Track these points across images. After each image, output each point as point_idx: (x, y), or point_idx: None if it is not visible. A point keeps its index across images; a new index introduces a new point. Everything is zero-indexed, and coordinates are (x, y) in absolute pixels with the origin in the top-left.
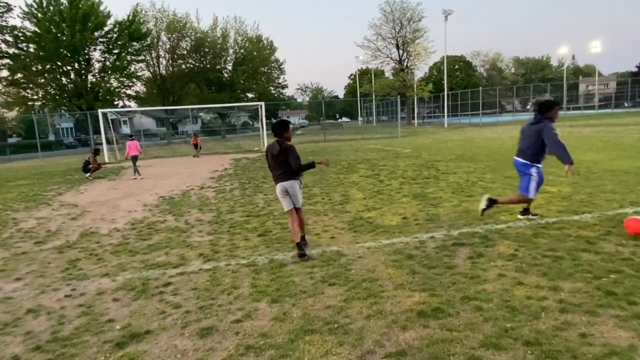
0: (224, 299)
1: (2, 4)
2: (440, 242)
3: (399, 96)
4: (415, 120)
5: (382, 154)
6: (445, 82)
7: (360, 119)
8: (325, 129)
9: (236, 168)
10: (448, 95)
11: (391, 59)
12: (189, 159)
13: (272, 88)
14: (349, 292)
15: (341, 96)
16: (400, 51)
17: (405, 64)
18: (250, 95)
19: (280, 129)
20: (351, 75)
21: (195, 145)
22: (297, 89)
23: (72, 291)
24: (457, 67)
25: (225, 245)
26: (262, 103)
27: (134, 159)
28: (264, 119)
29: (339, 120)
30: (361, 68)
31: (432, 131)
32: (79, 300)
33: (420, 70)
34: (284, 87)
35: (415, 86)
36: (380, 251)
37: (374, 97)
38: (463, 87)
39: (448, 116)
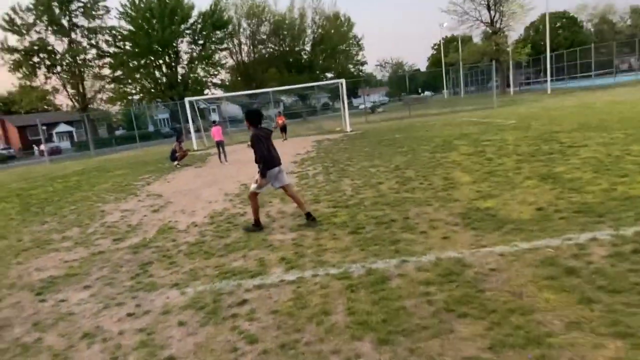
0: (313, 331)
1: (102, 7)
2: (610, 248)
3: (493, 62)
4: (511, 88)
5: (481, 128)
6: (547, 40)
7: (445, 91)
8: (409, 104)
9: (319, 150)
10: (551, 56)
11: (481, 21)
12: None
13: (351, 66)
14: (492, 331)
15: (423, 69)
16: (492, 12)
17: (497, 25)
18: (329, 75)
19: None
20: (435, 45)
21: (283, 129)
22: (377, 65)
23: (136, 307)
24: (558, 24)
25: (311, 247)
26: (343, 80)
27: (220, 144)
28: (344, 97)
29: (422, 94)
30: (446, 36)
31: (533, 99)
32: (141, 321)
33: (515, 32)
34: (363, 64)
35: (510, 50)
36: (520, 260)
37: (461, 66)
38: (567, 47)
39: (551, 81)
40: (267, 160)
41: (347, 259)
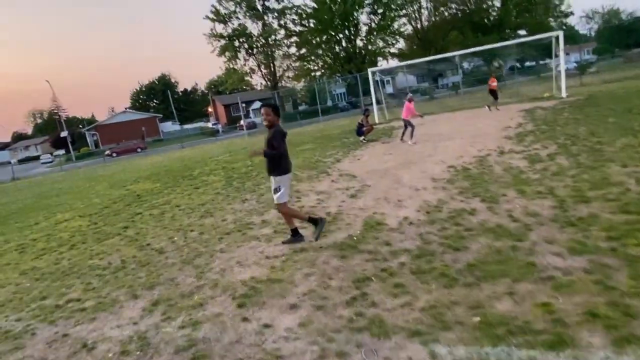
0: None
1: None
2: None
3: None
4: None
5: None
6: None
7: None
8: (632, 62)
9: (535, 122)
10: None
11: None
12: (463, 114)
13: (551, 19)
14: None
15: None
16: None
17: None
18: (522, 32)
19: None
20: None
21: (493, 92)
22: (583, 16)
23: None
24: None
25: (618, 287)
26: (559, 33)
27: (408, 123)
28: (562, 54)
29: None
30: None
31: None
32: None
33: None
34: (567, 15)
35: None
36: None
37: None
38: None
39: None
40: (287, 162)
41: None
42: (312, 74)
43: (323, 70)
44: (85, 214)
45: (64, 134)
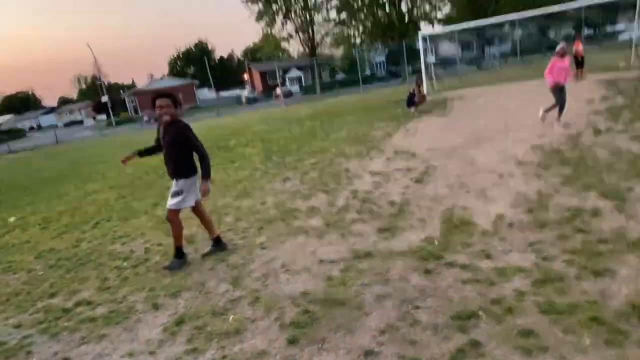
0: None
1: None
2: None
3: None
4: None
5: None
6: None
7: None
8: None
9: (624, 95)
10: None
11: None
12: (527, 85)
13: None
14: None
15: None
16: None
17: None
18: None
19: None
20: None
21: (579, 61)
22: None
23: None
24: None
25: None
26: None
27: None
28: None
29: None
30: None
31: None
32: None
33: None
34: None
35: None
36: None
37: None
38: None
39: None
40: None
41: None
42: (352, 40)
43: (363, 37)
44: (116, 185)
45: (104, 99)
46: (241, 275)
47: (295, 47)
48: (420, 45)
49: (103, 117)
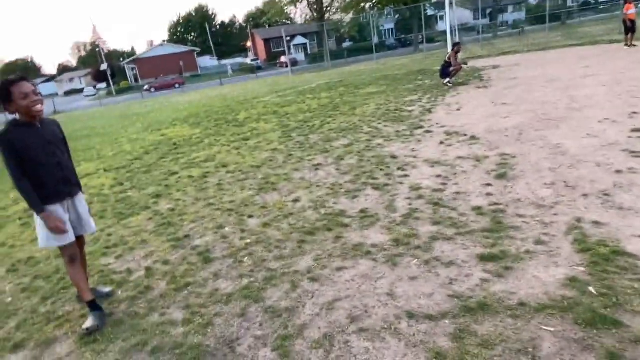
0: None
1: None
2: None
3: None
4: None
5: None
6: None
7: None
8: None
9: None
10: None
11: None
12: (560, 53)
13: None
14: None
15: None
16: None
17: None
18: None
19: None
20: None
21: (630, 22)
22: None
23: None
24: None
25: None
26: None
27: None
28: None
29: None
30: None
31: None
32: None
33: None
34: None
35: None
36: None
37: None
38: None
39: None
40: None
41: None
42: (362, 4)
43: (374, 1)
44: (112, 167)
45: (103, 67)
46: (289, 333)
47: (300, 13)
48: (447, 5)
49: (104, 85)
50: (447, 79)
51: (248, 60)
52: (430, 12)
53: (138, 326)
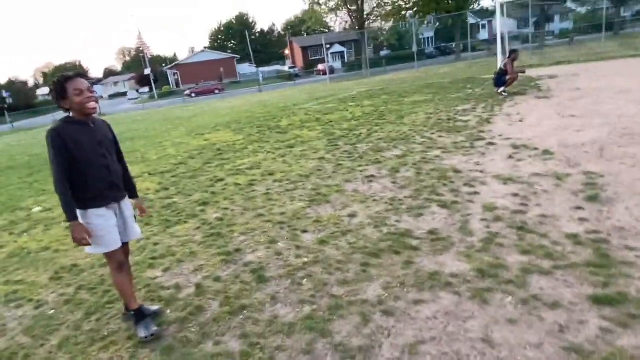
0: None
1: None
2: None
3: None
4: None
5: None
6: None
7: None
8: None
9: None
10: None
11: None
12: (621, 63)
13: None
14: None
15: None
16: None
17: None
18: None
19: None
20: None
21: None
22: None
23: None
24: None
25: None
26: None
27: None
28: None
29: None
30: None
31: None
32: None
33: None
34: None
35: None
36: None
37: None
38: None
39: None
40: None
41: None
42: (404, 12)
43: (416, 8)
44: (157, 171)
45: (147, 71)
46: None
47: (338, 21)
48: (497, 11)
49: (146, 89)
50: (502, 88)
51: (286, 68)
52: (472, 21)
53: (191, 356)
